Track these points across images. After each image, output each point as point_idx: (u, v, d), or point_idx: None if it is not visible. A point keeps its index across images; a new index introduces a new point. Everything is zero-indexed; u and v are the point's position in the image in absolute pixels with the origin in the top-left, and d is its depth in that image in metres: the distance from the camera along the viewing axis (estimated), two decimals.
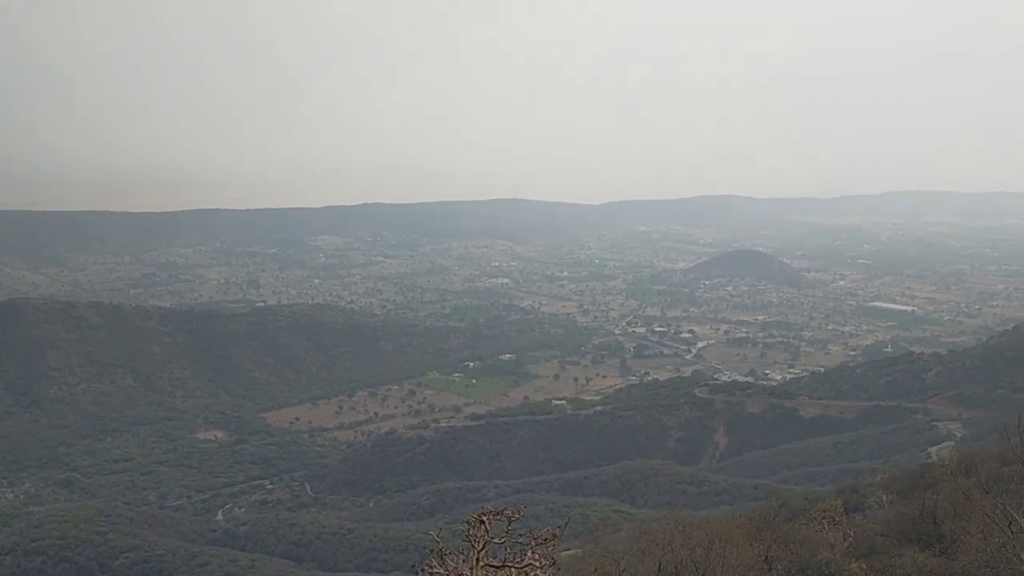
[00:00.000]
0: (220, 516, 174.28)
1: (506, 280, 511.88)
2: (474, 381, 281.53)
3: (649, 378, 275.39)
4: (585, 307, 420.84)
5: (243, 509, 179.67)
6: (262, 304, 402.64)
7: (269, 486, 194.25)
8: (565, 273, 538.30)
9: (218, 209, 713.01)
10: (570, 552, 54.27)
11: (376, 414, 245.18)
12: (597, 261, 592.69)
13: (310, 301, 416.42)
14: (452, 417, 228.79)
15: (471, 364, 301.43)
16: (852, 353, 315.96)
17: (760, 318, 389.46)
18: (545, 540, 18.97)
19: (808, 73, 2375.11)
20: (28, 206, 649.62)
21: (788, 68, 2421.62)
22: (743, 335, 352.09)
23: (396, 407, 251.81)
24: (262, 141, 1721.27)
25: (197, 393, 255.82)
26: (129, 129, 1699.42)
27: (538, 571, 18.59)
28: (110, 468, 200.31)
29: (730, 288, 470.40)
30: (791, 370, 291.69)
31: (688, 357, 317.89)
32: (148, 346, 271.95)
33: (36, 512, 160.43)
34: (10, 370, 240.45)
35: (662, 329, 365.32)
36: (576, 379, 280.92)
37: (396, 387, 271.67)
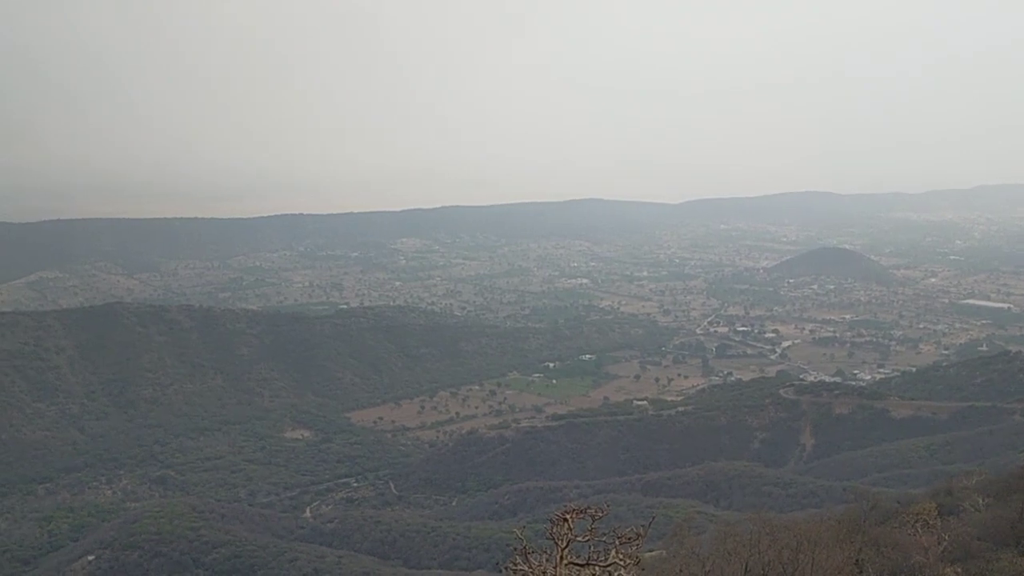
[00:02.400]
0: (308, 513, 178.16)
1: (585, 280, 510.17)
2: (554, 381, 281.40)
3: (732, 378, 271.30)
4: (665, 307, 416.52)
5: (330, 506, 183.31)
6: (345, 306, 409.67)
7: (354, 484, 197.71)
8: (644, 273, 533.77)
9: (302, 214, 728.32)
10: (654, 553, 53.94)
11: (457, 414, 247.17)
12: (677, 260, 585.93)
13: (391, 303, 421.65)
14: (533, 417, 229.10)
15: (551, 365, 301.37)
16: (945, 352, 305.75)
17: (847, 317, 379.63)
18: (629, 539, 18.97)
19: (891, 68, 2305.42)
20: (123, 214, 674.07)
21: (869, 62, 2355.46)
22: (830, 334, 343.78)
23: (477, 407, 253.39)
24: (343, 148, 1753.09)
25: (284, 393, 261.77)
26: (217, 139, 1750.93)
27: (622, 570, 18.59)
28: (202, 466, 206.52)
29: (815, 286, 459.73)
30: (881, 370, 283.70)
31: (772, 357, 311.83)
32: (237, 347, 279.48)
33: (132, 508, 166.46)
34: (107, 372, 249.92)
35: (745, 329, 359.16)
36: (657, 379, 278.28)
37: (477, 387, 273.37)
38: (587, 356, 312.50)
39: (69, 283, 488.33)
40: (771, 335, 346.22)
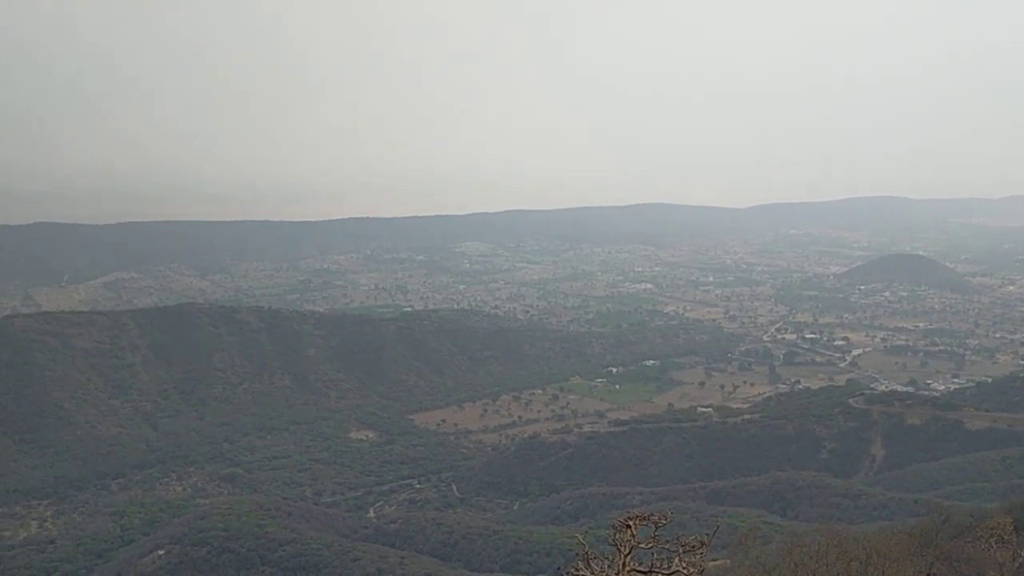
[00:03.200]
0: (371, 513, 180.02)
1: (649, 285, 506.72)
2: (617, 387, 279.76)
3: (800, 386, 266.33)
4: (732, 313, 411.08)
5: (393, 507, 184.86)
6: (410, 309, 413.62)
7: (417, 485, 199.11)
8: (710, 278, 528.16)
9: (368, 218, 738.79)
10: (718, 562, 53.20)
11: (520, 418, 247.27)
12: (744, 266, 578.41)
13: (455, 306, 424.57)
14: (595, 422, 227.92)
15: (614, 370, 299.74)
16: (1023, 363, 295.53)
17: (921, 325, 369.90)
18: (693, 547, 18.69)
19: (965, 67, 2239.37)
20: (196, 217, 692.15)
21: (946, 62, 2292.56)
22: (902, 343, 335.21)
23: (539, 411, 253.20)
24: (409, 153, 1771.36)
25: (349, 394, 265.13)
26: (286, 146, 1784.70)
27: None
28: (269, 464, 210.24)
29: (887, 294, 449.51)
30: (955, 380, 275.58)
31: (842, 365, 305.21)
32: (304, 348, 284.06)
33: (202, 505, 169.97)
34: (179, 370, 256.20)
35: (814, 336, 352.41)
36: (722, 386, 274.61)
37: (539, 392, 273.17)
38: (651, 362, 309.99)
39: (144, 283, 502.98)
40: (841, 343, 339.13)
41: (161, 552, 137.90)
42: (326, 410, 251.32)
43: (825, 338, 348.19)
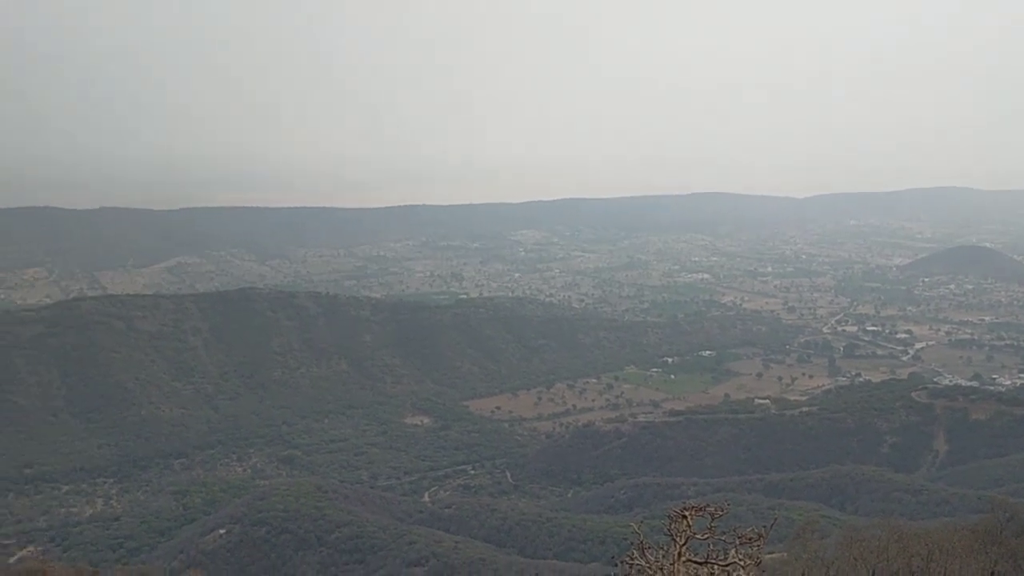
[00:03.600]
0: (426, 498, 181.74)
1: (706, 275, 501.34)
2: (672, 377, 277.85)
3: (861, 379, 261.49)
4: (790, 304, 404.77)
5: (447, 492, 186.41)
6: (465, 296, 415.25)
7: (471, 471, 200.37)
8: (769, 268, 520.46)
9: (424, 205, 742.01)
10: (774, 555, 52.57)
11: (574, 406, 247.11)
12: (803, 256, 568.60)
13: (510, 294, 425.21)
14: (650, 412, 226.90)
15: (670, 360, 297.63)
16: None
17: (987, 319, 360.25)
18: (749, 539, 18.54)
19: None
20: (256, 203, 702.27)
21: (1012, 51, 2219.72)
22: (967, 336, 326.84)
23: (594, 400, 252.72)
24: (465, 141, 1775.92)
25: (405, 380, 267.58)
26: (343, 132, 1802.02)
27: (741, 570, 18.19)
28: (327, 447, 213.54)
29: (952, 286, 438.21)
30: (1022, 375, 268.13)
31: (904, 359, 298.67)
32: (361, 334, 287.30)
33: (261, 485, 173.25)
34: (239, 354, 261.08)
35: (875, 328, 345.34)
36: (780, 378, 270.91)
37: (594, 380, 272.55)
38: (707, 352, 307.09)
39: (205, 268, 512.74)
40: (903, 336, 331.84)
41: (222, 531, 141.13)
42: (382, 395, 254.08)
43: (887, 331, 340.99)
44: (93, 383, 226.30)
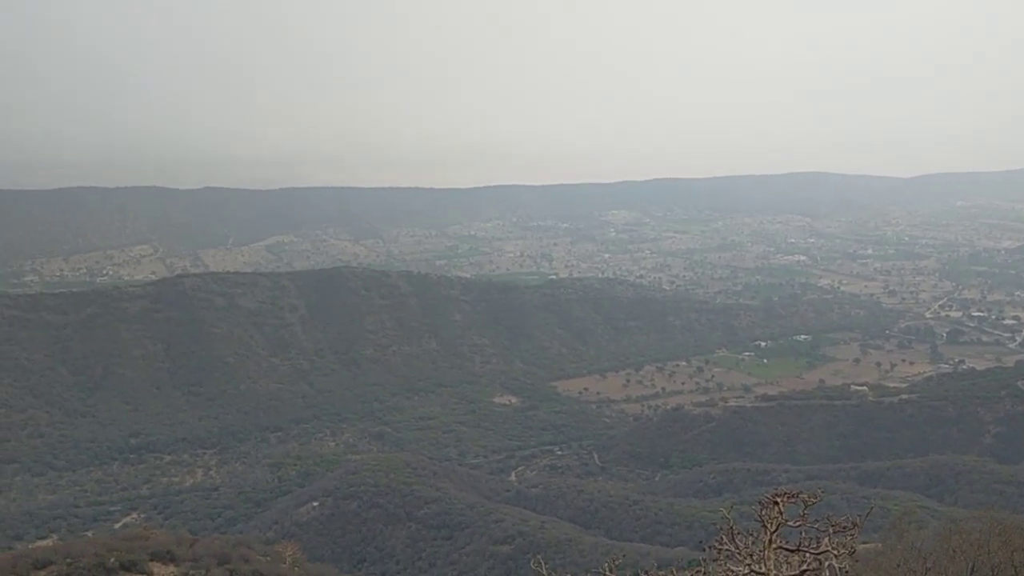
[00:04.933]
0: (513, 477, 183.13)
1: (803, 257, 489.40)
2: (765, 361, 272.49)
3: (964, 367, 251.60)
4: (891, 288, 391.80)
5: (534, 472, 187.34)
6: (554, 277, 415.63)
7: (558, 452, 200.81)
8: (869, 251, 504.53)
9: (515, 185, 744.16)
10: (869, 545, 51.10)
11: (663, 389, 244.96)
12: (906, 239, 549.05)
13: (600, 275, 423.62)
14: (741, 397, 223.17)
15: (763, 344, 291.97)
16: None
17: None
18: (843, 528, 17.87)
19: None
20: (351, 183, 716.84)
21: None
22: None
23: (683, 383, 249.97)
24: (555, 121, 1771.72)
25: (493, 359, 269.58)
26: (440, 108, 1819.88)
27: (834, 559, 17.56)
28: (416, 424, 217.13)
29: None
30: None
31: (1012, 346, 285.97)
32: (451, 313, 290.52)
33: (353, 460, 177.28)
34: (333, 331, 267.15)
35: (981, 314, 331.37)
36: (879, 364, 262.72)
37: (683, 363, 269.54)
38: (802, 336, 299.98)
39: (301, 247, 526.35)
40: (1011, 322, 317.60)
41: (315, 504, 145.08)
42: (470, 374, 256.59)
43: (994, 316, 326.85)
44: (195, 357, 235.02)
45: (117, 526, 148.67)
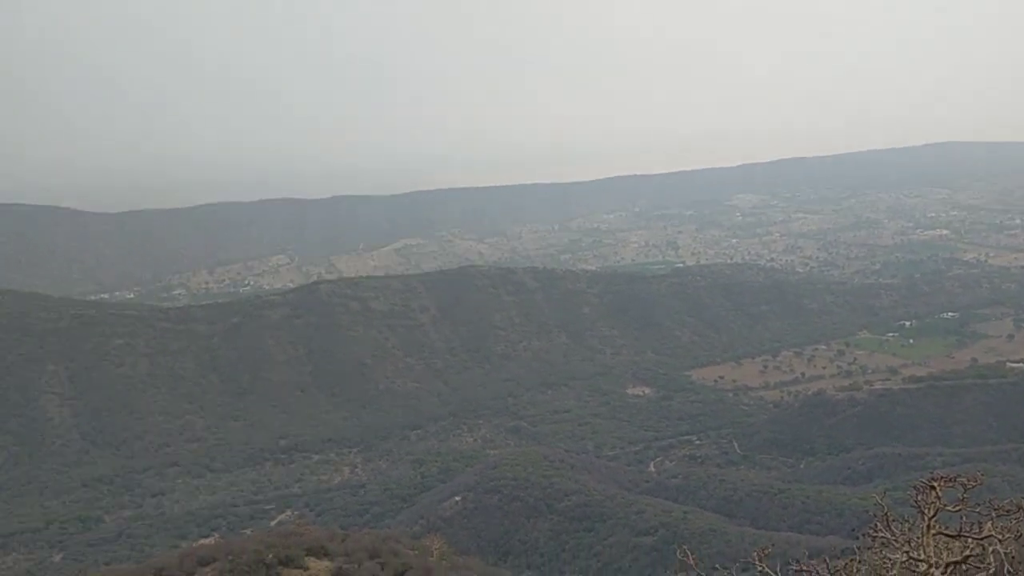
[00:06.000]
0: (652, 468, 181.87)
1: (945, 231, 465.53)
2: (911, 341, 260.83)
3: None
4: None
5: (673, 462, 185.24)
6: (681, 265, 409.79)
7: (697, 442, 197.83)
8: (1017, 221, 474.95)
9: (636, 175, 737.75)
10: None
11: (803, 374, 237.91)
12: None
13: (728, 261, 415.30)
14: (887, 379, 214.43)
15: (907, 323, 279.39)
16: None
17: None
18: (1007, 511, 17.42)
19: None
20: (472, 184, 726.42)
21: None
22: None
23: (824, 368, 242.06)
24: (669, 111, 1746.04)
25: (624, 351, 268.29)
26: (557, 110, 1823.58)
27: (998, 544, 17.13)
28: (551, 418, 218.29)
29: None
30: None
31: None
32: (578, 307, 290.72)
33: (491, 455, 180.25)
34: (464, 329, 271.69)
35: None
36: None
37: (823, 347, 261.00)
38: (949, 314, 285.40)
39: (429, 248, 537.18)
40: None
41: (457, 499, 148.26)
42: (602, 366, 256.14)
43: None
44: (335, 360, 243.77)
45: (273, 523, 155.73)
